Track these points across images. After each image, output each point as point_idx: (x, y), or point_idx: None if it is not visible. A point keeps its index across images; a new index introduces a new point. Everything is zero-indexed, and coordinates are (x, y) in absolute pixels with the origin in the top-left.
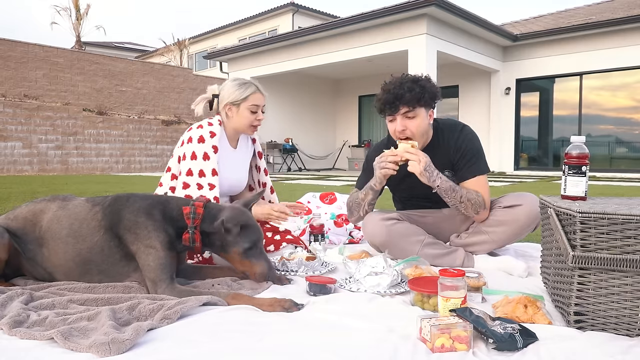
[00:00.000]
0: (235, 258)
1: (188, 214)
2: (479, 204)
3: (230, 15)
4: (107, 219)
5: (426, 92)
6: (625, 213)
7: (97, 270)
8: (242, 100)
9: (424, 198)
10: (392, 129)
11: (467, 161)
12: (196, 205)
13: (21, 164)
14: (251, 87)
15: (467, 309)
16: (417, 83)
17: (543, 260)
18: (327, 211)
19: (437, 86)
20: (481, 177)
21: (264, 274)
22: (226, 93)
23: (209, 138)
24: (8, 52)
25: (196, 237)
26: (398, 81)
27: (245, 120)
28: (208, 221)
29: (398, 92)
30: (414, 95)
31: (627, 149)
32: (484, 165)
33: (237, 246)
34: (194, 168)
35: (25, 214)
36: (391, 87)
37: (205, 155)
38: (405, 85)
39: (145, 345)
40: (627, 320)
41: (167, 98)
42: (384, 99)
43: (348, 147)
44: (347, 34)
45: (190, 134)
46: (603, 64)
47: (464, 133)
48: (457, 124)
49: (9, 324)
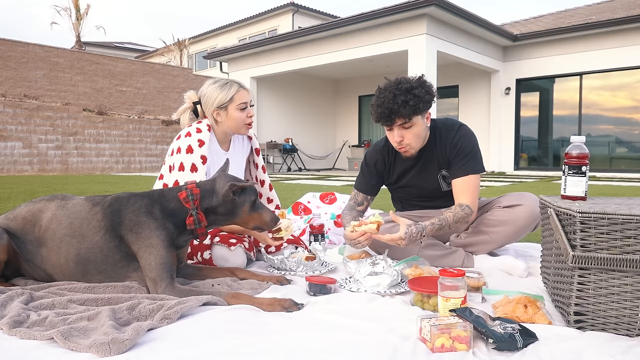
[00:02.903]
0: (244, 217)
1: (186, 198)
2: (465, 216)
3: (230, 15)
4: (108, 219)
5: (420, 101)
6: (625, 213)
7: (96, 271)
8: (229, 102)
9: (420, 197)
10: (391, 138)
11: (460, 159)
12: (190, 187)
13: (21, 164)
14: (233, 85)
15: (467, 309)
16: (411, 93)
17: (543, 260)
18: (327, 211)
19: (432, 88)
20: (472, 177)
21: (274, 219)
22: (210, 98)
23: (198, 147)
24: (8, 52)
25: (200, 216)
26: (391, 93)
27: (238, 120)
28: (207, 198)
29: (392, 107)
30: (409, 109)
31: (627, 149)
32: (478, 164)
33: (245, 203)
34: (181, 180)
35: (24, 214)
36: (384, 100)
37: (193, 167)
38: (398, 99)
39: (145, 345)
40: (627, 320)
41: (167, 98)
42: (379, 113)
43: (348, 147)
44: (347, 34)
45: (178, 144)
46: (603, 64)
47: (461, 132)
48: (455, 123)
49: (9, 324)
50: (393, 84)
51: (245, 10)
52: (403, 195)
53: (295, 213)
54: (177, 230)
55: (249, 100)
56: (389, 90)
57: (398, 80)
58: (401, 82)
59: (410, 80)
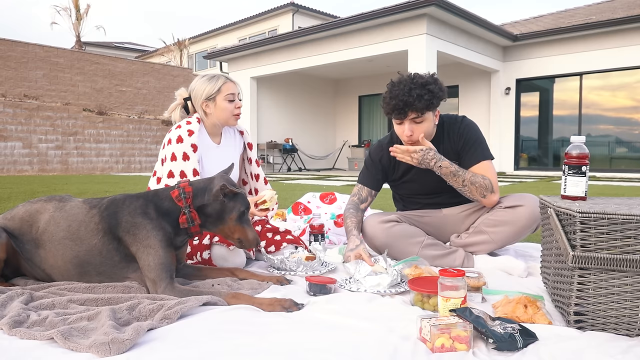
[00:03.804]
0: (230, 225)
1: (178, 196)
2: (485, 186)
3: (230, 15)
4: (105, 221)
5: (434, 97)
6: (625, 213)
7: (95, 272)
8: (217, 93)
9: (424, 194)
10: (400, 132)
11: (469, 148)
12: (182, 185)
13: (21, 164)
14: (221, 78)
15: (467, 309)
16: (426, 88)
17: (543, 260)
18: (327, 211)
19: (443, 85)
20: (486, 162)
21: (257, 239)
22: (198, 91)
23: (187, 137)
24: (8, 52)
25: (193, 214)
26: (407, 86)
27: (226, 111)
28: (200, 196)
29: (407, 100)
30: (423, 103)
31: (627, 149)
32: (487, 151)
33: (234, 211)
34: (175, 169)
35: (22, 214)
36: (399, 92)
37: (185, 156)
38: (414, 92)
39: (145, 345)
40: (627, 320)
41: (167, 98)
42: (392, 105)
43: (348, 147)
44: (347, 34)
45: (169, 136)
46: (603, 64)
47: (465, 123)
48: (458, 117)
49: (9, 324)
50: (407, 79)
51: (245, 10)
52: (406, 191)
53: (295, 213)
54: (174, 230)
55: (236, 92)
56: (403, 83)
57: (412, 75)
58: (415, 77)
59: (425, 76)
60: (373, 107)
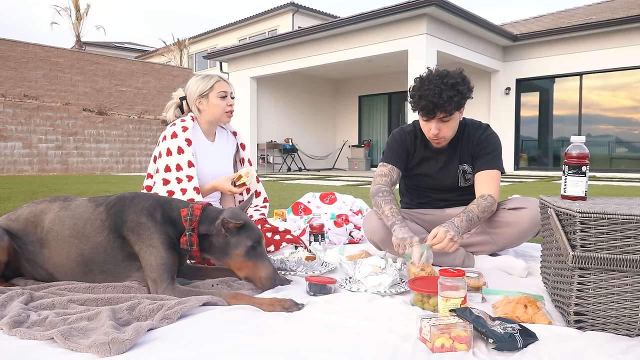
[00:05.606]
0: (237, 261)
1: (185, 216)
2: (489, 205)
3: (230, 15)
4: (111, 219)
5: (463, 98)
6: (625, 213)
7: (99, 270)
8: (210, 90)
9: (434, 189)
10: (427, 129)
11: (486, 154)
12: (194, 207)
13: (21, 164)
14: (214, 77)
15: (467, 309)
16: (455, 89)
17: (543, 260)
18: (327, 211)
19: (470, 83)
20: (494, 172)
21: (270, 278)
22: (192, 89)
23: (182, 132)
24: (8, 52)
25: (193, 239)
26: (437, 87)
27: (218, 108)
28: (206, 223)
29: (437, 102)
30: (453, 105)
31: (627, 149)
32: (500, 163)
33: (240, 247)
34: (171, 163)
35: (26, 215)
36: (429, 93)
37: (180, 149)
38: (444, 94)
39: (145, 345)
40: (627, 320)
41: (167, 98)
42: (422, 105)
43: (348, 147)
44: (347, 34)
45: (164, 133)
46: (603, 64)
47: (489, 132)
48: (482, 124)
49: (9, 324)
50: (437, 78)
51: (245, 10)
52: (416, 183)
53: (295, 213)
54: (177, 237)
55: (228, 90)
56: (433, 83)
57: (442, 73)
58: (446, 76)
59: (455, 75)
60: (373, 107)
